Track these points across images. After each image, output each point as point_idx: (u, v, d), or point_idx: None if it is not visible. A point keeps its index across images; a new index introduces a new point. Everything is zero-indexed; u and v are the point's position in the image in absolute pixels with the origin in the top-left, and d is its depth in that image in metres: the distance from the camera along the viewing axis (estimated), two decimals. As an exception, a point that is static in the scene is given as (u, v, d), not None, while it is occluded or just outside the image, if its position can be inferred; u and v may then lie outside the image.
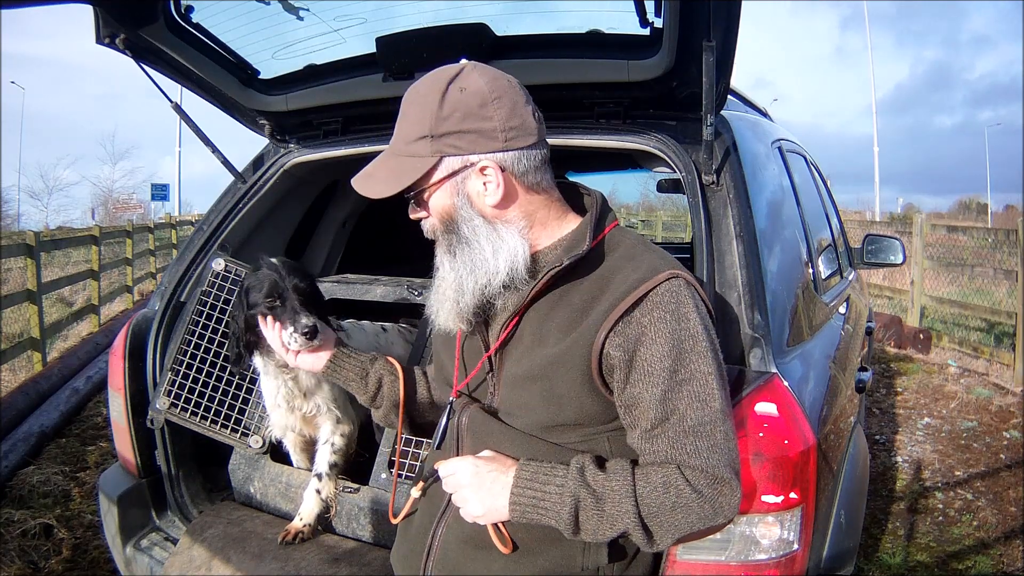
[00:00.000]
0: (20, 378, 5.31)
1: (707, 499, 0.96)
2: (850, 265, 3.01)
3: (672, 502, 0.96)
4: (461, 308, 1.09)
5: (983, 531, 3.14)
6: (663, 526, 0.97)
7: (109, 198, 35.74)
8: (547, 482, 1.01)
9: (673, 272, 1.05)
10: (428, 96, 1.04)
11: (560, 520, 0.99)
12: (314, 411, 1.79)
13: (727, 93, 1.57)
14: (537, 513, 1.01)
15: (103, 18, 1.63)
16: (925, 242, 7.52)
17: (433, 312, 1.14)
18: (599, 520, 0.98)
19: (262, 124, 2.11)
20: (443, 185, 1.07)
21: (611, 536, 0.99)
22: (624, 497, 0.97)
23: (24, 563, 2.71)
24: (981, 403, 5.01)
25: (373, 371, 1.35)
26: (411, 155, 1.06)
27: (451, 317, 1.11)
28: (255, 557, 1.66)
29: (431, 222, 1.12)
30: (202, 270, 2.01)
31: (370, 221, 2.96)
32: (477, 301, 1.09)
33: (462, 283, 1.09)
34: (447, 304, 1.11)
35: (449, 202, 1.08)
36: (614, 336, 1.02)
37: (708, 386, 1.00)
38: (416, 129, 1.05)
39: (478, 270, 1.08)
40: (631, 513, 0.96)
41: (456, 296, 1.09)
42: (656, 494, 0.96)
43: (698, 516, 0.96)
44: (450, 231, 1.09)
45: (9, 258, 6.66)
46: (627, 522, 0.97)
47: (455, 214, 1.08)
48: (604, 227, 1.13)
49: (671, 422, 0.99)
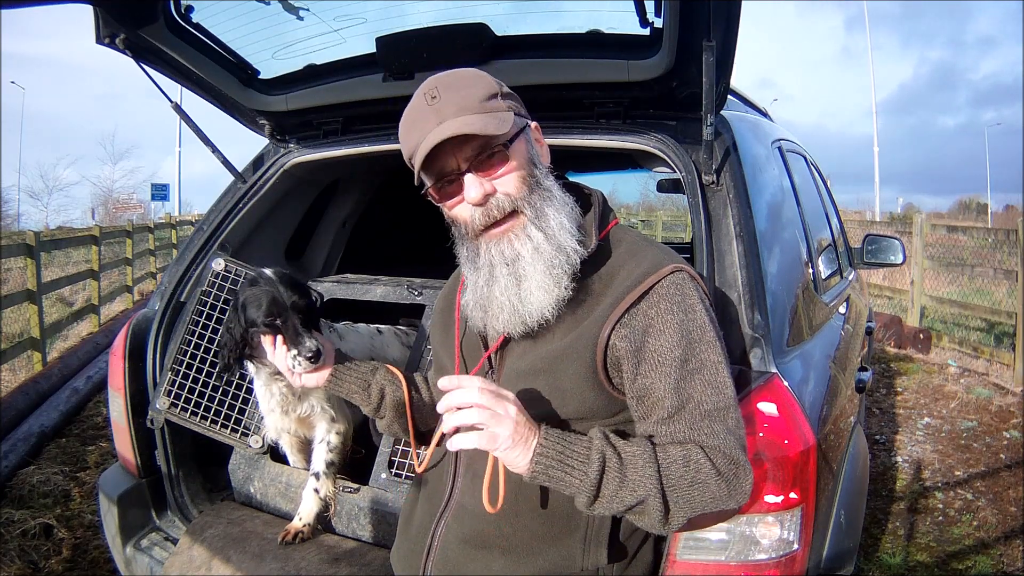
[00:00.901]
0: (20, 378, 5.31)
1: (725, 479, 0.95)
2: (850, 265, 3.01)
3: (691, 477, 0.95)
4: (561, 272, 1.02)
5: (983, 531, 3.14)
6: (680, 501, 0.96)
7: (109, 198, 35.77)
8: (574, 441, 0.98)
9: (677, 266, 1.06)
10: (475, 71, 1.08)
11: (585, 479, 0.95)
12: (308, 412, 1.79)
13: (727, 93, 1.57)
14: (562, 469, 0.96)
15: (103, 18, 1.63)
16: (925, 242, 7.51)
17: (506, 306, 1.05)
18: (619, 485, 0.95)
19: (262, 124, 2.11)
20: (519, 138, 1.07)
21: (629, 504, 0.95)
22: (647, 463, 0.95)
23: (24, 563, 2.71)
24: (981, 403, 5.01)
25: (375, 382, 1.33)
26: (492, 110, 1.04)
27: (548, 290, 1.03)
28: (255, 557, 1.66)
29: (511, 183, 1.04)
30: (202, 270, 2.01)
31: (370, 221, 2.96)
32: (576, 262, 1.04)
33: (562, 242, 1.04)
34: (536, 278, 1.03)
35: (528, 155, 1.07)
36: (620, 328, 1.03)
37: (720, 374, 1.01)
38: (484, 89, 1.05)
39: (572, 223, 1.06)
40: (653, 479, 0.94)
41: (553, 258, 1.03)
42: (676, 466, 0.96)
43: (713, 496, 0.96)
44: (536, 187, 1.06)
45: (9, 258, 6.67)
46: (648, 488, 0.94)
47: (536, 170, 1.07)
48: (606, 225, 1.14)
49: (688, 408, 0.99)
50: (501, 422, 0.94)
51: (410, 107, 1.06)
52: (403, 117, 1.07)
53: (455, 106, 1.01)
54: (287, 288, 1.44)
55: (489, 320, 1.08)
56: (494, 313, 1.07)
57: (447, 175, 1.05)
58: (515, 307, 1.05)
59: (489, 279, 1.06)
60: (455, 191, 1.06)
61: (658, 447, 0.98)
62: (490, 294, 1.06)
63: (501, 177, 1.04)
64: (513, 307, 1.05)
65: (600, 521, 1.09)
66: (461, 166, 1.04)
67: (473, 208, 1.05)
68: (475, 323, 1.11)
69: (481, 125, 1.00)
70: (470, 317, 1.12)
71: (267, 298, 1.43)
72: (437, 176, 1.06)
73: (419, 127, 1.03)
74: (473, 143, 1.02)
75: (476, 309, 1.09)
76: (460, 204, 1.06)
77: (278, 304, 1.41)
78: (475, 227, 1.06)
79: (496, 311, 1.06)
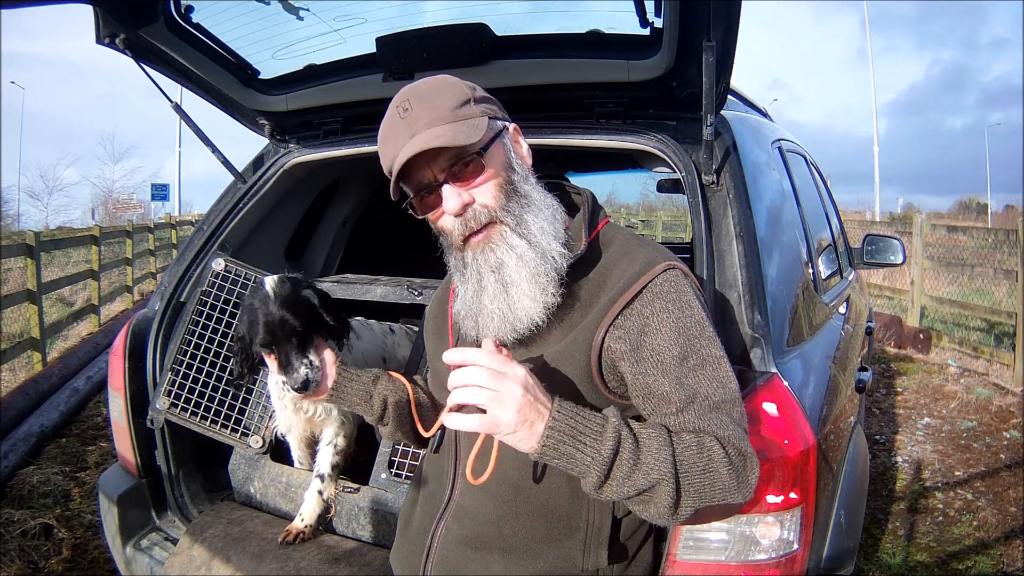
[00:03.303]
0: (20, 378, 5.31)
1: (736, 469, 0.94)
2: (850, 265, 3.01)
3: (704, 464, 0.93)
4: (547, 280, 1.02)
5: (983, 531, 3.14)
6: (691, 488, 0.93)
7: (109, 198, 35.77)
8: (589, 416, 0.94)
9: (669, 263, 1.06)
10: (448, 78, 1.07)
11: (597, 457, 0.91)
12: (322, 415, 1.80)
13: (727, 93, 1.57)
14: (574, 445, 0.91)
15: (103, 18, 1.63)
16: (925, 242, 7.51)
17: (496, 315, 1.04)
18: (632, 467, 0.91)
19: (262, 124, 2.11)
20: (495, 143, 1.06)
21: (639, 488, 0.92)
22: (663, 446, 0.93)
23: (24, 563, 2.71)
24: (981, 403, 5.01)
25: (377, 392, 1.31)
26: (464, 118, 1.03)
27: (535, 298, 1.02)
28: (255, 557, 1.66)
29: (488, 192, 1.04)
30: (202, 270, 2.01)
31: (370, 221, 2.96)
32: (562, 267, 1.04)
33: (545, 248, 1.03)
34: (522, 286, 1.02)
35: (506, 160, 1.06)
36: (614, 331, 1.02)
37: (723, 368, 1.01)
38: (456, 97, 1.04)
39: (555, 227, 1.05)
40: (668, 463, 0.91)
41: (538, 266, 1.02)
42: (691, 452, 0.94)
43: (723, 485, 0.94)
44: (513, 194, 1.05)
45: (9, 258, 6.67)
46: (663, 471, 0.91)
47: (513, 175, 1.06)
48: (596, 225, 1.14)
49: (697, 402, 0.98)
50: (503, 404, 0.90)
51: (384, 120, 1.06)
52: (380, 130, 1.07)
53: (426, 117, 1.01)
54: (282, 307, 1.36)
55: (481, 329, 1.07)
56: (484, 322, 1.06)
57: (425, 187, 1.05)
58: (504, 315, 1.04)
59: (478, 288, 1.06)
60: (435, 202, 1.05)
61: (672, 432, 0.96)
62: (479, 303, 1.06)
63: (479, 186, 1.04)
64: (503, 315, 1.04)
65: (600, 522, 1.09)
66: (438, 177, 1.03)
67: (454, 219, 1.05)
68: (468, 332, 1.10)
69: (451, 136, 1.00)
70: (462, 326, 1.11)
71: (263, 321, 1.36)
72: (416, 188, 1.06)
73: (393, 141, 1.03)
74: (447, 154, 1.02)
75: (468, 319, 1.09)
76: (443, 215, 1.06)
77: (269, 329, 1.35)
78: (456, 237, 1.06)
79: (487, 320, 1.06)
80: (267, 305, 1.37)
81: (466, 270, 1.07)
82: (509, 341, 1.06)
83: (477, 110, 1.05)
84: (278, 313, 1.35)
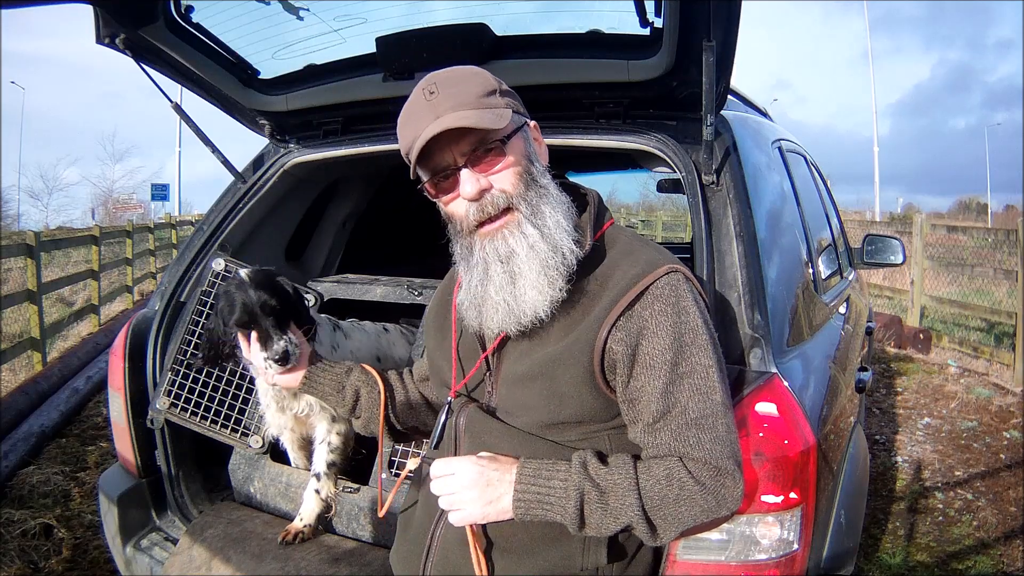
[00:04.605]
0: (20, 378, 5.31)
1: (710, 491, 0.96)
2: (850, 265, 3.01)
3: (676, 495, 0.96)
4: (556, 274, 1.02)
5: (983, 531, 3.14)
6: (667, 519, 0.97)
7: (109, 198, 35.73)
8: (551, 477, 1.01)
9: (671, 267, 1.06)
10: (475, 68, 1.09)
11: (566, 514, 0.99)
12: (307, 411, 1.79)
13: (727, 93, 1.57)
14: (542, 509, 1.00)
15: (103, 18, 1.63)
16: (925, 242, 7.51)
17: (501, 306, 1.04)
18: (603, 514, 0.98)
19: (262, 124, 2.11)
20: (517, 135, 1.06)
21: (615, 530, 0.99)
22: (627, 491, 0.97)
23: (24, 563, 2.71)
24: (981, 403, 5.01)
25: (349, 383, 1.33)
26: (489, 106, 1.03)
27: (542, 290, 1.02)
28: (255, 557, 1.66)
29: (507, 179, 1.04)
30: (202, 270, 2.01)
31: (370, 221, 2.96)
32: (572, 262, 1.04)
33: (557, 241, 1.04)
34: (530, 277, 1.02)
35: (526, 152, 1.07)
36: (616, 331, 1.03)
37: (709, 379, 1.01)
38: (483, 86, 1.05)
39: (568, 222, 1.06)
40: (635, 506, 0.96)
41: (548, 258, 1.02)
42: (659, 487, 0.97)
43: (702, 508, 0.97)
44: (532, 183, 1.05)
45: (9, 258, 6.66)
46: (631, 515, 0.97)
47: (532, 167, 1.07)
48: (602, 225, 1.14)
49: (673, 415, 0.99)
50: (465, 503, 1.03)
51: (408, 103, 1.06)
52: (401, 112, 1.07)
53: (453, 101, 1.01)
54: (258, 289, 1.44)
55: (484, 320, 1.07)
56: (488, 313, 1.06)
57: (443, 170, 1.05)
58: (510, 306, 1.04)
59: (484, 278, 1.05)
60: (451, 186, 1.05)
61: (641, 465, 0.99)
62: (484, 293, 1.05)
63: (497, 173, 1.04)
64: (508, 306, 1.04)
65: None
66: (458, 161, 1.03)
67: (468, 204, 1.04)
68: (470, 323, 1.10)
69: (477, 119, 1.00)
70: (465, 316, 1.11)
71: (239, 301, 1.43)
72: (433, 171, 1.06)
73: (416, 122, 1.03)
74: (470, 138, 1.02)
75: (471, 308, 1.08)
76: (456, 200, 1.06)
77: (247, 307, 1.41)
78: (469, 223, 1.05)
79: (491, 311, 1.05)
80: (244, 289, 1.44)
81: (472, 257, 1.07)
82: (512, 333, 1.07)
83: (502, 101, 1.06)
84: (255, 294, 1.43)
